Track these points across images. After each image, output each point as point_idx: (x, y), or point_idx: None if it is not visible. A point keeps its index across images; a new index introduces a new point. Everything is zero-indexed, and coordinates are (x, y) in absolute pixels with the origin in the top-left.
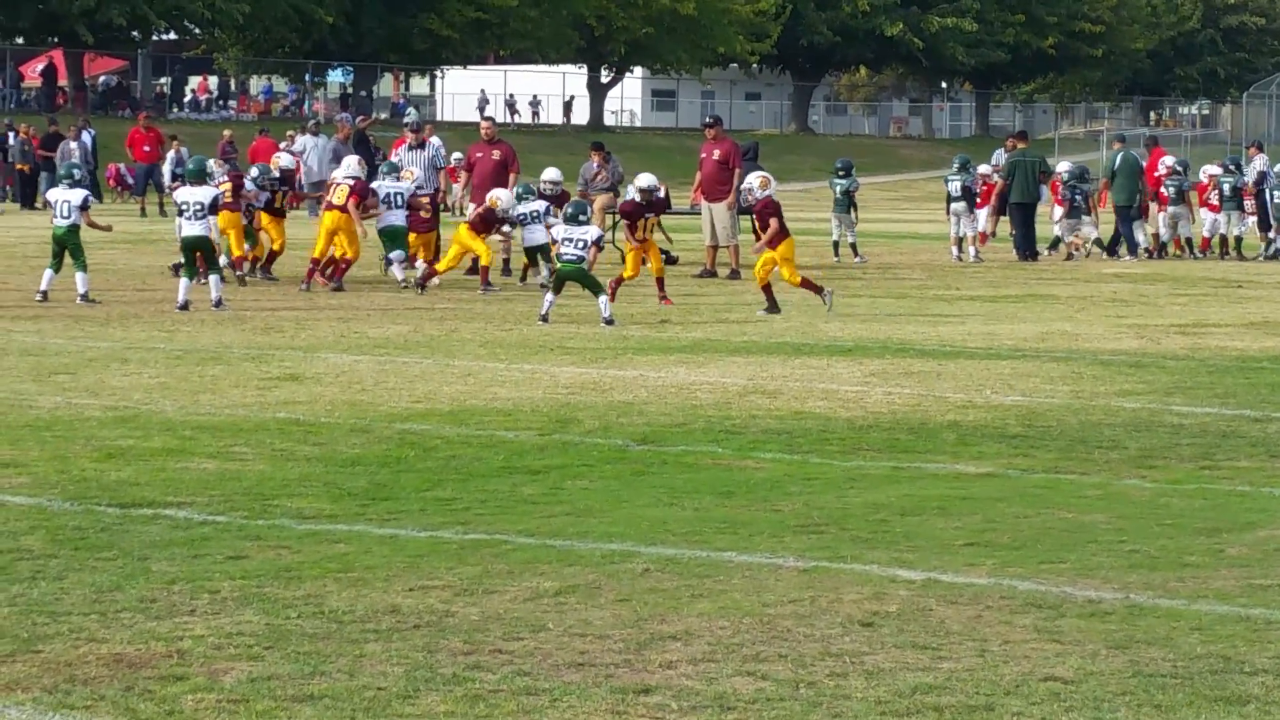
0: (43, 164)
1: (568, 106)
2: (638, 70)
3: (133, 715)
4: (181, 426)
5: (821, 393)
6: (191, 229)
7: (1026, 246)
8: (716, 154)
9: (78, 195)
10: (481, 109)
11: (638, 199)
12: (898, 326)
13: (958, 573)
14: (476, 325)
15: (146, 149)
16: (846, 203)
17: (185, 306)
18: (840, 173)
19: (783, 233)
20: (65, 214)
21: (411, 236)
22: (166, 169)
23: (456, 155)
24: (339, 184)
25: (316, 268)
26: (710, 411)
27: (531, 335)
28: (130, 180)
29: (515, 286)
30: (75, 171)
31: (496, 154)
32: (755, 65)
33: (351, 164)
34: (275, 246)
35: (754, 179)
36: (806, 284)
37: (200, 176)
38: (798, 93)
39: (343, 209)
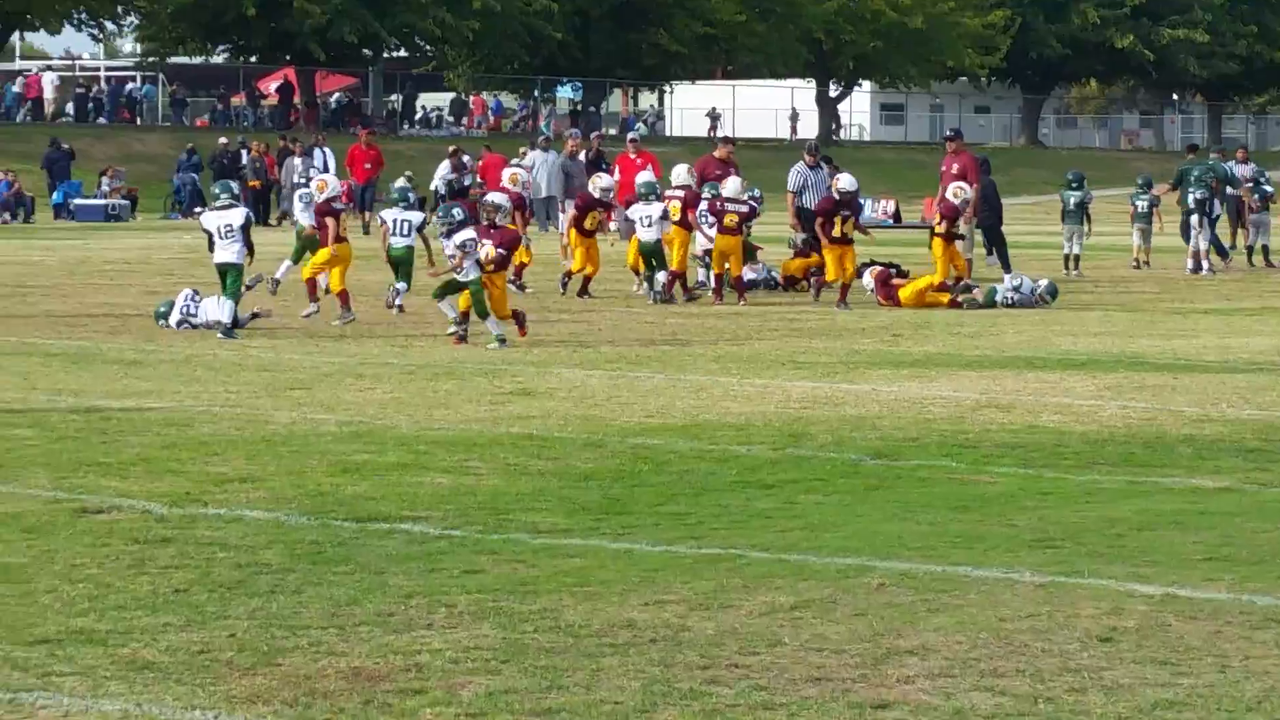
0: (274, 181)
1: (794, 119)
2: (866, 84)
3: None
4: (416, 441)
5: (1055, 407)
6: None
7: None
8: (955, 168)
9: (416, 217)
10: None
11: (836, 197)
12: (1131, 340)
13: (1196, 588)
14: (708, 340)
15: (367, 166)
16: (1079, 215)
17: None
18: (1073, 184)
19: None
20: (404, 232)
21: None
22: (438, 177)
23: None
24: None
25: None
26: (943, 425)
27: (763, 349)
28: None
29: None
30: (410, 195)
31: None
32: (984, 78)
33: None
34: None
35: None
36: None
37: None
38: (1027, 106)
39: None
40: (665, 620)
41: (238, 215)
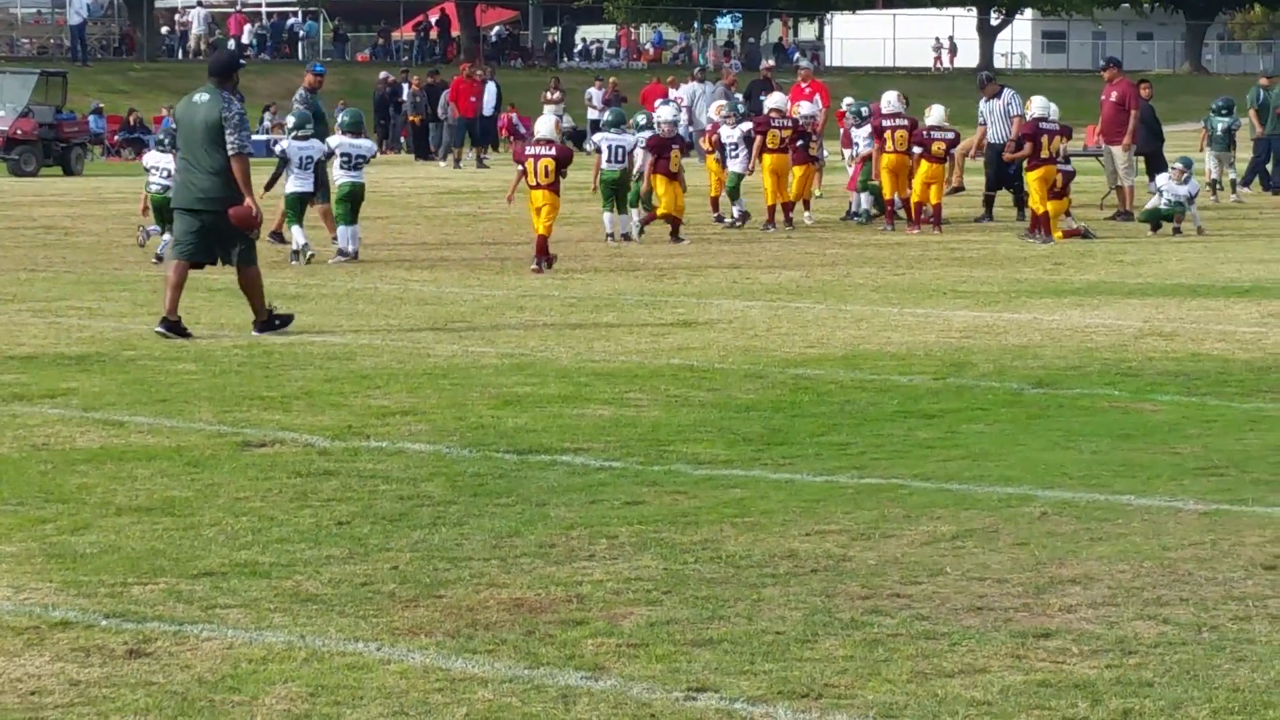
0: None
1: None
2: (1028, 12)
3: (534, 659)
4: (576, 373)
5: (1219, 334)
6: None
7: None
8: (1114, 96)
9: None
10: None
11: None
12: None
13: None
14: (869, 270)
15: (473, 99)
16: (1226, 141)
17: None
18: (1221, 110)
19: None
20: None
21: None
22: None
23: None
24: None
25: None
26: (1106, 354)
27: (924, 279)
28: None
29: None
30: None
31: None
32: (1147, 5)
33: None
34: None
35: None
36: None
37: (357, 129)
38: (1190, 32)
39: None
40: (826, 550)
41: (317, 148)
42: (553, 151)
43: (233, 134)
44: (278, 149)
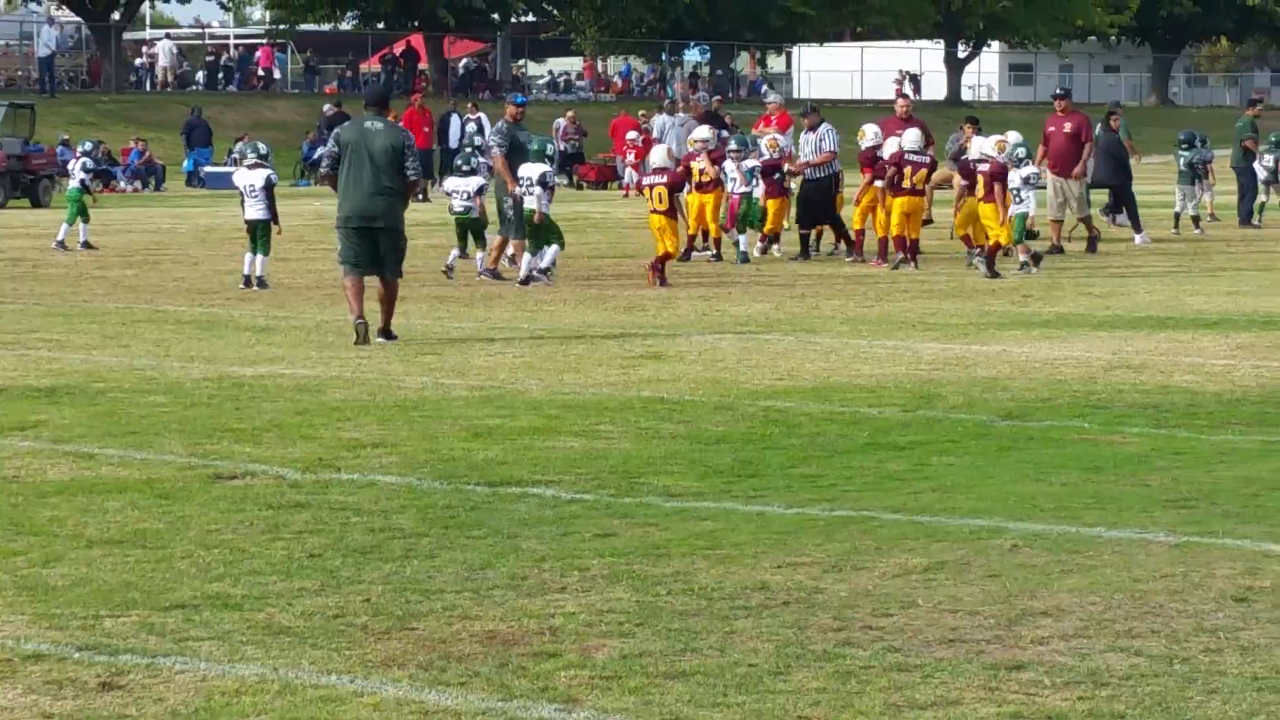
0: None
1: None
2: (995, 44)
3: (507, 692)
4: (547, 405)
5: (1188, 367)
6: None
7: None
8: (1068, 127)
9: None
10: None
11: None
12: (1265, 299)
13: None
14: (837, 302)
15: (426, 130)
16: (1190, 175)
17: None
18: (1183, 145)
19: None
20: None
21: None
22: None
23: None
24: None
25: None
26: (1075, 386)
27: (893, 311)
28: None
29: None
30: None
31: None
32: (1114, 37)
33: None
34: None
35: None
36: None
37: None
38: (1157, 65)
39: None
40: (798, 582)
41: (260, 176)
42: (664, 179)
43: (414, 161)
44: (234, 180)
